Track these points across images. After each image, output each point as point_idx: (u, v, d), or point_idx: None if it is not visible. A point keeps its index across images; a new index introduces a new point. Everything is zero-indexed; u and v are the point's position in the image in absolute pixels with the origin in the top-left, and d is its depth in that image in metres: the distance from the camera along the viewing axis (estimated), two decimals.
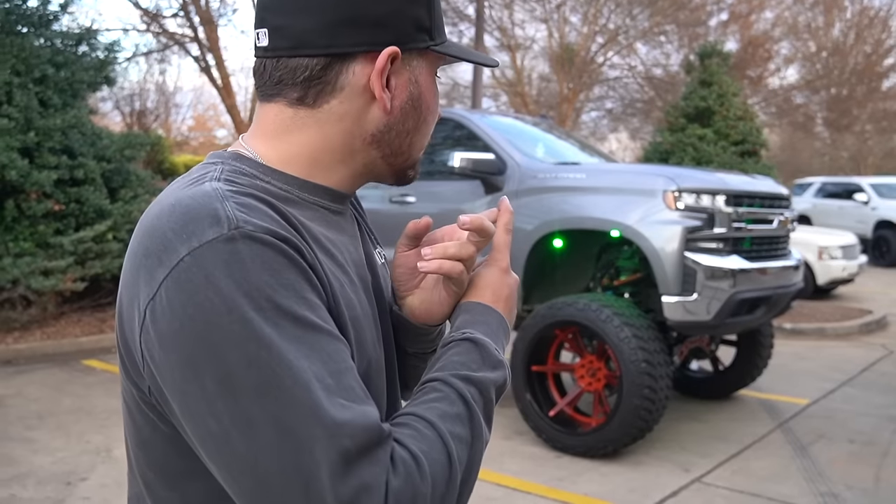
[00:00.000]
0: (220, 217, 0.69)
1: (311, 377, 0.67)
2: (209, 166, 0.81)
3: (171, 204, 0.73)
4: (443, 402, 0.76)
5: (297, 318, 0.68)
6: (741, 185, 4.68)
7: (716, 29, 23.13)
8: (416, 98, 0.86)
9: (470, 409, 0.76)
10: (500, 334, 0.88)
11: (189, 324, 0.67)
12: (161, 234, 0.70)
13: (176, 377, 0.68)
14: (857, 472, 4.16)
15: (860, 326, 8.47)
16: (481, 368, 0.81)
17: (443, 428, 0.73)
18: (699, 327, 4.42)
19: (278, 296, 0.68)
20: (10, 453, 4.20)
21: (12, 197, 6.86)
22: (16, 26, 7.09)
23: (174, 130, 26.52)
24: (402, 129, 0.86)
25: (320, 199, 0.85)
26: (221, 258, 0.67)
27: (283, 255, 0.70)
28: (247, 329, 0.66)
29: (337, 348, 0.71)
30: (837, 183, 16.85)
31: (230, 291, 0.66)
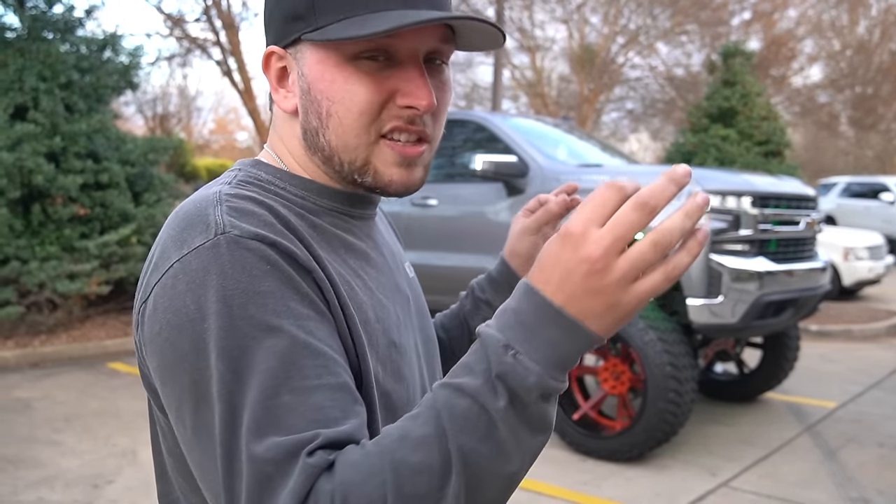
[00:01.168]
0: (209, 223, 0.70)
1: (259, 396, 0.64)
2: (229, 174, 0.82)
3: (176, 211, 0.75)
4: (414, 422, 0.64)
5: (272, 328, 0.66)
6: (767, 186, 4.63)
7: (738, 28, 22.94)
8: (306, 91, 0.79)
9: (441, 438, 0.62)
10: (542, 328, 0.63)
11: (166, 329, 0.68)
12: (163, 242, 0.72)
13: (157, 381, 0.71)
14: (887, 477, 4.09)
15: (888, 328, 8.35)
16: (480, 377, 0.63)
17: (393, 457, 0.62)
18: (725, 330, 4.37)
19: (253, 305, 0.66)
20: (38, 456, 4.24)
21: (38, 201, 6.94)
22: (42, 33, 7.17)
23: (196, 134, 26.77)
24: (311, 128, 0.80)
25: (338, 205, 0.84)
26: (203, 265, 0.67)
27: (267, 261, 0.68)
28: (212, 339, 0.65)
29: (312, 364, 0.66)
30: (863, 183, 16.63)
31: (205, 299, 0.66)
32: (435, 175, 5.50)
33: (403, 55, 0.77)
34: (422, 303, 0.97)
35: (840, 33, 25.89)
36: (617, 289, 0.62)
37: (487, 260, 4.91)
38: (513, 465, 0.64)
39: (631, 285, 0.62)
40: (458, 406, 0.62)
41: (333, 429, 0.65)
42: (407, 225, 5.36)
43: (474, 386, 0.63)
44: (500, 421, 0.62)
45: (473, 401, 0.62)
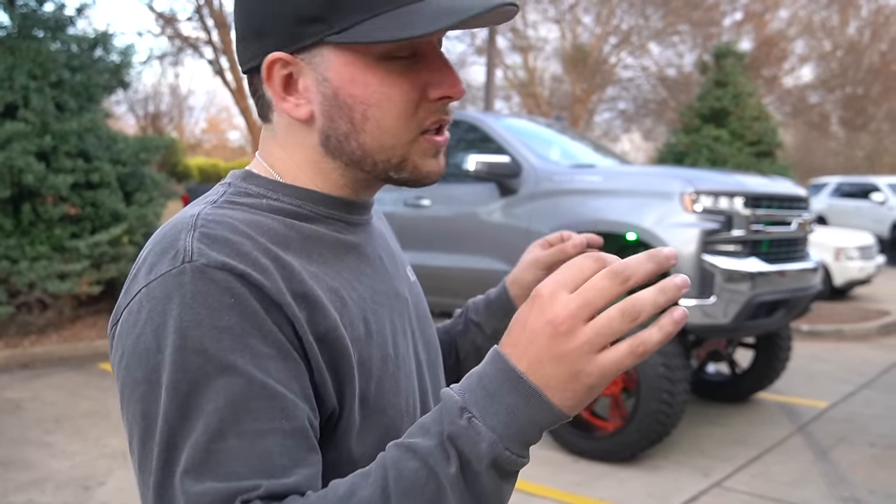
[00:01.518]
0: (178, 249, 0.67)
1: (203, 438, 0.63)
2: (219, 189, 0.80)
3: (161, 229, 0.73)
4: (362, 481, 0.62)
5: (226, 366, 0.63)
6: (759, 186, 4.64)
7: (730, 28, 23.03)
8: (331, 97, 0.75)
9: (385, 495, 0.60)
10: (497, 392, 0.60)
11: (126, 356, 0.67)
12: (140, 263, 0.71)
13: (119, 402, 0.70)
14: (879, 477, 4.10)
15: (878, 328, 8.39)
16: (434, 439, 0.61)
17: None
18: (717, 330, 4.38)
19: (209, 339, 0.63)
20: (28, 457, 4.22)
21: (29, 201, 6.90)
22: (32, 31, 7.13)
23: (188, 133, 26.70)
24: (339, 134, 0.76)
25: (335, 212, 0.80)
26: (166, 293, 0.65)
27: (231, 293, 0.65)
28: (165, 372, 0.64)
29: (265, 406, 0.64)
30: (853, 183, 16.70)
31: (163, 329, 0.64)
32: None
33: (426, 47, 0.76)
34: (423, 307, 0.94)
35: (831, 34, 26.02)
36: (581, 355, 0.59)
37: (481, 260, 4.91)
38: None
39: (595, 355, 0.59)
40: (407, 468, 0.60)
41: (277, 480, 0.62)
42: (400, 225, 5.35)
43: (426, 448, 0.60)
44: (448, 488, 0.59)
45: (423, 464, 0.60)
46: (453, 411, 0.61)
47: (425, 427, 0.62)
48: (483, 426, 0.59)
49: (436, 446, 0.60)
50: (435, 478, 0.59)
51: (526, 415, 0.60)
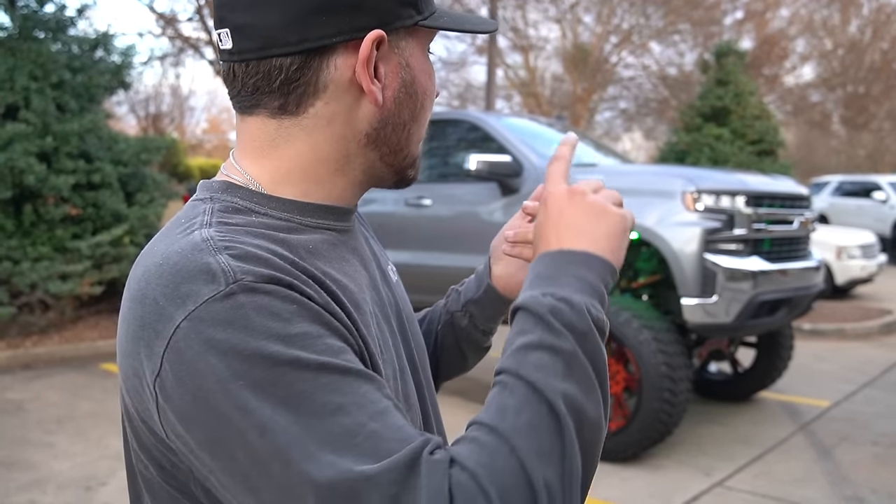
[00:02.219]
0: (214, 272, 0.62)
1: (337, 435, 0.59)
2: (198, 205, 0.73)
3: (159, 264, 0.65)
4: (502, 393, 0.64)
5: (322, 366, 0.61)
6: (761, 185, 4.64)
7: (731, 27, 23.03)
8: (409, 84, 0.75)
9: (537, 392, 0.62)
10: (563, 274, 0.70)
11: (201, 397, 0.60)
12: (153, 301, 0.63)
13: (205, 455, 0.62)
14: (882, 476, 4.10)
15: (880, 327, 8.38)
16: (536, 329, 0.66)
17: (503, 427, 0.61)
18: (719, 329, 4.38)
19: (294, 347, 0.60)
20: (30, 458, 4.22)
21: (30, 201, 6.90)
22: (33, 32, 7.13)
23: (189, 133, 26.71)
24: (398, 122, 0.76)
25: (324, 222, 0.77)
26: (222, 317, 0.60)
27: (293, 301, 0.63)
28: (258, 393, 0.59)
29: (370, 388, 0.63)
30: (855, 181, 16.68)
31: (234, 354, 0.59)
32: (429, 175, 5.50)
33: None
34: (408, 307, 0.91)
35: (832, 32, 26.00)
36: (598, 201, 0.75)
37: (482, 260, 4.89)
38: (599, 400, 0.65)
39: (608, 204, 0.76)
40: (533, 360, 0.64)
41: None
42: (401, 225, 5.35)
43: (535, 338, 0.65)
44: (572, 356, 0.64)
45: (543, 349, 0.64)
46: (537, 300, 0.67)
47: (519, 332, 0.67)
48: (566, 294, 0.68)
49: (542, 332, 0.65)
50: (558, 353, 0.64)
51: (588, 273, 0.70)
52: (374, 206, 5.52)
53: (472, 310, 1.02)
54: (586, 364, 0.64)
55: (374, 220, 5.36)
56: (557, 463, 0.60)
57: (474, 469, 0.59)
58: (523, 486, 0.58)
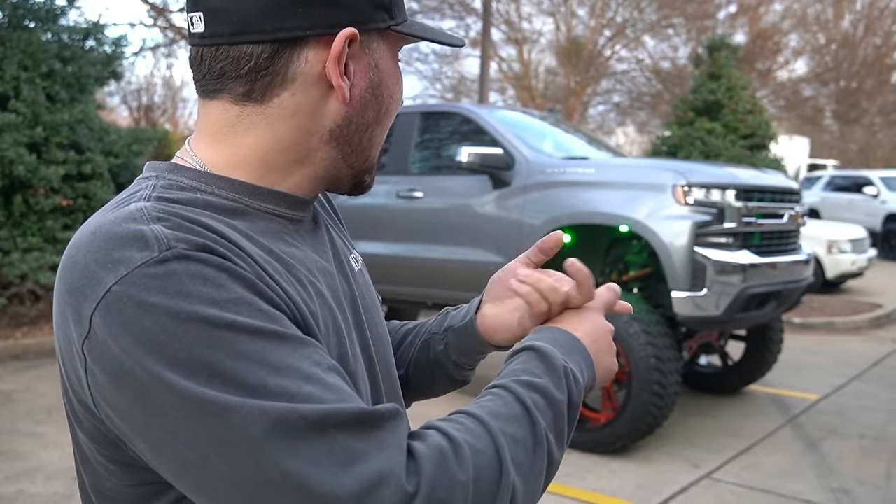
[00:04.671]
0: (147, 239, 0.62)
1: (275, 395, 0.58)
2: (142, 182, 0.73)
3: (92, 232, 0.65)
4: (496, 402, 0.69)
5: (257, 330, 0.60)
6: (751, 179, 4.65)
7: (724, 21, 23.05)
8: (376, 86, 0.76)
9: (531, 415, 0.68)
10: (575, 354, 0.80)
11: (132, 357, 0.59)
12: (83, 267, 0.62)
13: (135, 413, 0.61)
14: (868, 468, 4.13)
15: (870, 321, 8.43)
16: (545, 377, 0.73)
17: (492, 424, 0.66)
18: (709, 322, 4.40)
19: (226, 310, 0.60)
20: (19, 448, 4.21)
21: (20, 192, 6.87)
22: (23, 21, 7.09)
23: (181, 125, 26.56)
24: (362, 122, 0.76)
25: (274, 207, 0.76)
26: (156, 282, 0.59)
27: (226, 270, 0.62)
28: (192, 354, 0.58)
29: (308, 352, 0.63)
30: (846, 176, 16.75)
31: (168, 316, 0.59)
32: (421, 167, 5.49)
33: None
34: (372, 296, 0.90)
35: (825, 27, 26.05)
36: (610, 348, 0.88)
37: (474, 253, 4.90)
38: (558, 461, 0.72)
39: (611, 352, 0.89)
40: (534, 398, 0.70)
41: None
42: (393, 217, 5.35)
43: (542, 384, 0.72)
44: (563, 412, 0.72)
45: (546, 397, 0.71)
46: (557, 357, 0.76)
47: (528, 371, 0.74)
48: (577, 372, 0.77)
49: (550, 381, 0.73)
50: (555, 403, 0.72)
51: (587, 372, 0.80)
52: (366, 198, 5.50)
53: (449, 337, 0.99)
54: (565, 428, 0.72)
55: (365, 211, 5.36)
56: (525, 475, 0.65)
57: (456, 438, 0.63)
58: (495, 478, 0.63)
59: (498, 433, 0.65)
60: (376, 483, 0.57)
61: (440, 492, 0.59)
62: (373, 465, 0.58)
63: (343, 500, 0.57)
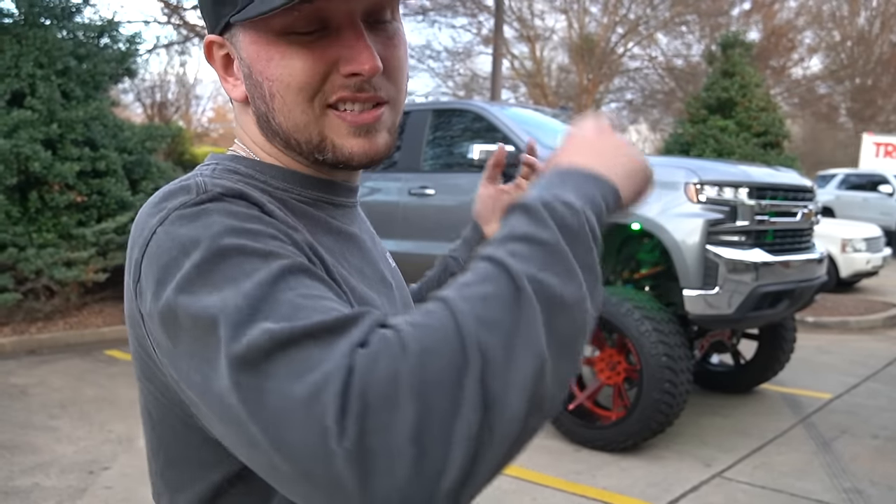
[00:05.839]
0: (189, 187, 0.69)
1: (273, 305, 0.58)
2: (204, 167, 0.78)
3: (152, 196, 0.72)
4: (464, 275, 0.61)
5: (269, 253, 0.62)
6: (764, 177, 4.63)
7: (738, 18, 22.90)
8: (248, 76, 0.76)
9: (503, 265, 0.59)
10: (563, 184, 0.69)
11: (159, 285, 0.63)
12: (139, 223, 0.69)
13: (168, 346, 0.63)
14: (881, 468, 4.11)
15: (884, 320, 8.37)
16: (520, 225, 0.64)
17: (451, 295, 0.58)
18: (721, 321, 4.38)
19: (241, 237, 0.63)
20: (34, 442, 4.25)
21: (35, 188, 6.92)
22: (39, 19, 7.14)
23: (194, 122, 26.69)
24: (261, 114, 0.77)
25: (323, 195, 0.81)
26: (186, 217, 0.65)
27: (255, 213, 0.67)
28: (202, 271, 0.61)
29: (318, 284, 0.63)
30: (861, 174, 16.62)
31: (190, 241, 0.63)
32: (433, 165, 5.50)
33: (339, 20, 0.72)
34: (406, 293, 0.93)
35: (840, 24, 25.85)
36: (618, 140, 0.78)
37: None
38: (581, 295, 0.61)
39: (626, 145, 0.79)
40: (511, 248, 0.61)
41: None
42: (405, 214, 5.36)
43: (520, 231, 0.63)
44: (554, 248, 0.61)
45: (525, 241, 0.62)
46: (531, 198, 0.66)
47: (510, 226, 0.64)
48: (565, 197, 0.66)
49: (528, 224, 0.63)
50: (540, 244, 0.61)
51: (596, 192, 0.69)
52: (378, 195, 5.52)
53: (460, 253, 1.10)
54: (572, 262, 0.61)
55: (377, 209, 5.37)
56: (503, 334, 0.56)
57: (402, 326, 0.57)
58: (453, 347, 0.54)
59: (455, 299, 0.58)
60: (321, 386, 0.54)
61: (377, 387, 0.53)
62: (319, 371, 0.54)
63: (295, 404, 0.54)
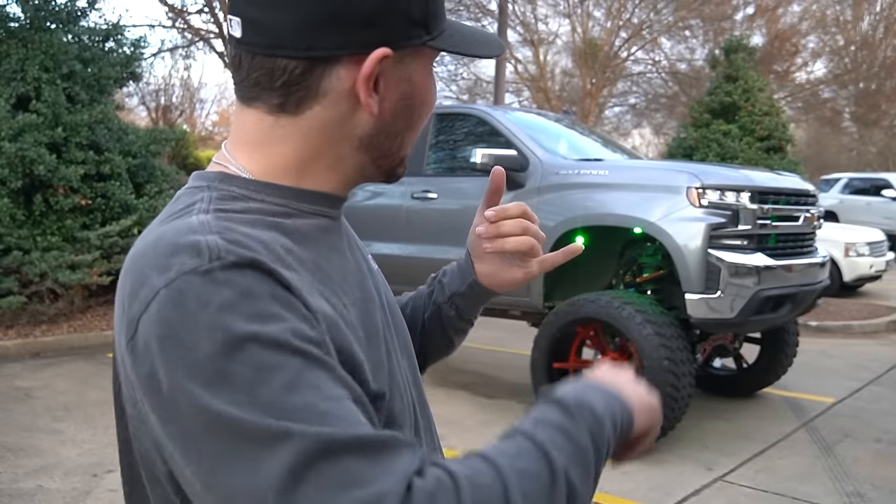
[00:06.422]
0: (201, 249, 0.64)
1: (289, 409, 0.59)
2: (195, 192, 0.75)
3: (154, 240, 0.68)
4: (505, 442, 0.67)
5: (282, 345, 0.61)
6: (766, 181, 4.64)
7: (742, 23, 22.91)
8: (408, 97, 0.77)
9: (543, 448, 0.66)
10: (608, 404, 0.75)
11: (159, 361, 0.61)
12: (141, 273, 0.65)
13: (157, 420, 0.63)
14: (883, 472, 4.10)
15: (887, 324, 8.36)
16: (558, 415, 0.70)
17: (499, 460, 0.64)
18: (723, 325, 4.38)
19: (255, 323, 0.61)
20: (38, 444, 4.27)
21: (40, 192, 6.96)
22: (44, 23, 7.18)
23: (198, 125, 26.75)
24: (391, 131, 0.78)
25: (319, 207, 0.79)
26: (196, 289, 0.61)
27: (269, 285, 0.64)
28: (216, 362, 0.59)
29: (329, 377, 0.63)
30: (865, 178, 16.59)
31: (202, 324, 0.60)
32: (435, 169, 5.51)
33: None
34: (390, 295, 0.93)
35: (844, 29, 25.84)
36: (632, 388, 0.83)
37: None
38: (588, 489, 0.68)
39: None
40: (549, 434, 0.67)
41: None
42: (407, 218, 5.37)
43: (556, 420, 0.69)
44: (585, 450, 0.68)
45: (561, 431, 0.68)
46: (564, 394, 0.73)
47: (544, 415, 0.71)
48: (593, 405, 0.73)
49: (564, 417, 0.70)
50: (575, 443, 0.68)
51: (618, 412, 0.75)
52: (381, 199, 5.54)
53: (458, 302, 1.06)
54: (592, 466, 0.68)
55: (380, 212, 5.39)
56: None
57: (457, 474, 0.61)
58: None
59: (505, 467, 0.63)
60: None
61: None
62: (372, 490, 0.57)
63: None
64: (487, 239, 0.96)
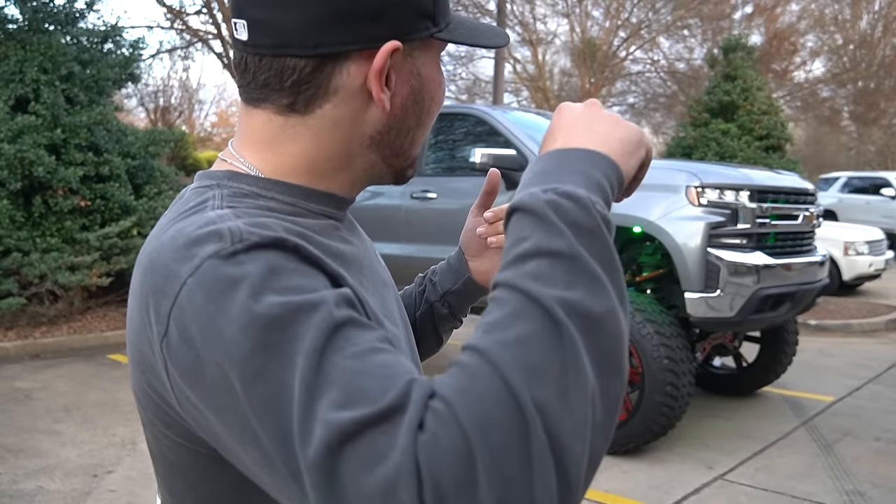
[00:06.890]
0: (223, 234, 0.63)
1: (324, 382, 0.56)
2: (205, 191, 0.73)
3: (172, 236, 0.66)
4: (493, 310, 0.58)
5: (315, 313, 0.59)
6: (765, 180, 4.64)
7: (740, 22, 22.94)
8: (417, 92, 0.77)
9: (529, 296, 0.56)
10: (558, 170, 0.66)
11: (201, 348, 0.60)
12: (163, 267, 0.63)
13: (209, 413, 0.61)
14: (883, 471, 4.11)
15: (886, 323, 8.37)
16: (532, 234, 0.60)
17: (488, 344, 0.55)
18: (722, 324, 4.39)
19: (287, 295, 0.59)
20: (38, 445, 4.27)
21: (39, 193, 6.95)
22: (43, 24, 7.18)
23: (197, 127, 26.76)
24: (402, 128, 0.77)
25: (326, 208, 0.79)
26: (223, 271, 0.60)
27: (295, 259, 0.63)
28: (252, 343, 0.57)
29: (370, 334, 0.61)
30: (864, 177, 16.60)
31: (233, 306, 0.59)
32: (435, 168, 5.52)
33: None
34: (396, 291, 0.95)
35: (842, 28, 25.86)
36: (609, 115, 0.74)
37: None
38: (613, 305, 0.58)
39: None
40: (530, 268, 0.58)
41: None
42: (406, 218, 5.37)
43: (533, 245, 0.59)
44: (575, 259, 0.58)
45: (542, 256, 0.58)
46: (537, 196, 0.61)
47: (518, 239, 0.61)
48: (569, 189, 0.62)
49: (539, 235, 0.59)
50: (558, 256, 0.58)
51: (596, 172, 0.66)
52: (381, 199, 5.54)
53: (450, 300, 1.07)
54: (593, 266, 0.58)
55: (379, 212, 5.39)
56: (554, 379, 0.53)
57: (449, 395, 0.54)
58: (509, 411, 0.51)
59: (494, 351, 0.54)
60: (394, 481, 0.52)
61: (446, 476, 0.51)
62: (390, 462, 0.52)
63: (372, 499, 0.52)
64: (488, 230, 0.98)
